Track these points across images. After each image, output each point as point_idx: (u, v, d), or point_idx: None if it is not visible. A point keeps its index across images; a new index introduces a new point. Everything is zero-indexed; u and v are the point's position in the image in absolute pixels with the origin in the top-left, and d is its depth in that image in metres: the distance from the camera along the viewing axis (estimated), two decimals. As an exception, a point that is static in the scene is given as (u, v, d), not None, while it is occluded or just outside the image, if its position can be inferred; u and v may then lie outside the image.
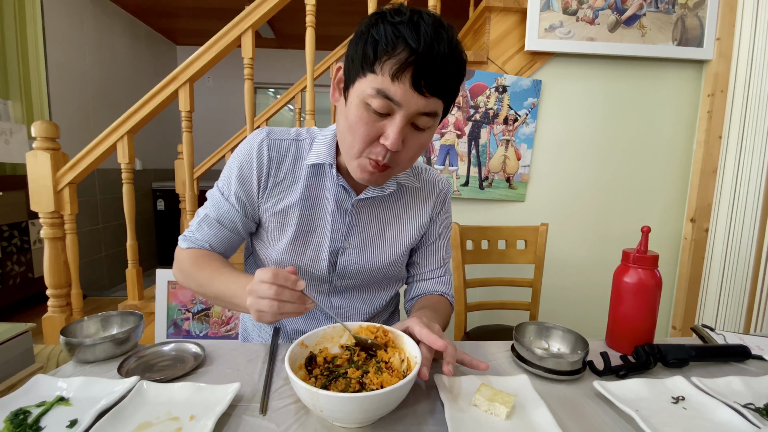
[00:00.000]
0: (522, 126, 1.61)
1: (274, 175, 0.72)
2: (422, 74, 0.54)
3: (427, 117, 0.58)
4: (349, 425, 0.48)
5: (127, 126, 1.59)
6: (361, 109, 0.58)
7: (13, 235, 2.49)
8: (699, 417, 0.51)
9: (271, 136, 0.72)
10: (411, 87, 0.54)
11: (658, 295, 0.69)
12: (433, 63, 0.53)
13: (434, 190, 0.82)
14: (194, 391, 0.53)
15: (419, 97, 0.55)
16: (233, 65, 2.64)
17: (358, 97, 0.58)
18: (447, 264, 0.88)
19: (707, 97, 1.61)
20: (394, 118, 0.57)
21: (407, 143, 0.61)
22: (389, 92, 0.55)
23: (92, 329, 0.69)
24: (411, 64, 0.53)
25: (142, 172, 3.85)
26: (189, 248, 0.74)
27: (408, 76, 0.54)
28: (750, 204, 1.49)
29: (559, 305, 1.74)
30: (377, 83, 0.55)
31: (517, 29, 1.55)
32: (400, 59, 0.53)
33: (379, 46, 0.54)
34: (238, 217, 0.73)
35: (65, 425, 0.47)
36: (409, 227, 0.79)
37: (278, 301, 0.52)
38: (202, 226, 0.74)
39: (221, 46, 1.55)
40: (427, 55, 0.53)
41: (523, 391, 0.55)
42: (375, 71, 0.55)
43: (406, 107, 0.56)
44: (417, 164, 0.84)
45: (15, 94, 2.61)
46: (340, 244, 0.74)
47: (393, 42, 0.53)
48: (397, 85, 0.54)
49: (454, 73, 0.58)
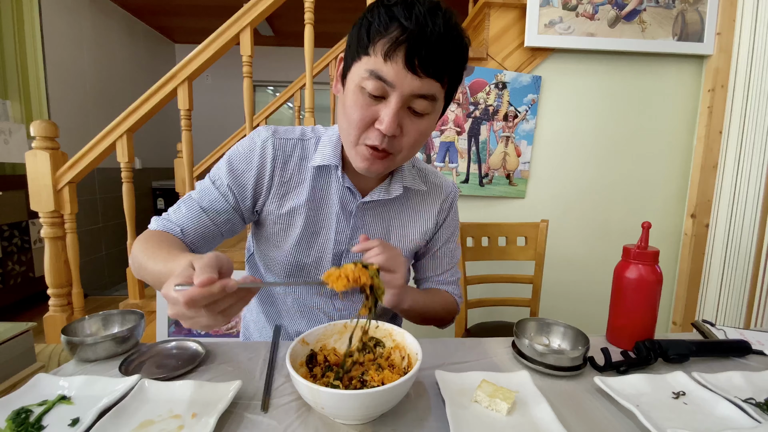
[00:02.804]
0: (522, 122, 1.61)
1: (279, 175, 0.70)
2: (415, 52, 0.52)
3: (424, 100, 0.57)
4: (351, 422, 0.48)
5: (126, 125, 1.58)
6: (356, 94, 0.57)
7: (14, 234, 2.50)
8: (700, 412, 0.51)
9: (277, 135, 0.71)
10: (404, 66, 0.53)
11: (658, 290, 0.69)
12: (427, 41, 0.52)
13: (441, 195, 0.80)
14: (196, 389, 0.53)
15: (413, 77, 0.54)
16: (232, 63, 2.63)
17: (353, 81, 0.57)
18: (453, 268, 0.86)
19: (707, 93, 1.60)
20: (388, 100, 0.56)
21: (405, 129, 0.59)
22: (381, 72, 0.54)
23: (93, 328, 0.69)
24: (403, 42, 0.52)
25: (141, 170, 3.85)
26: (156, 230, 0.68)
27: (401, 55, 0.52)
28: (750, 199, 1.49)
29: (560, 301, 1.74)
30: (370, 65, 0.54)
31: (517, 25, 1.55)
32: (391, 38, 0.52)
33: (372, 27, 0.53)
34: (224, 207, 0.69)
35: (67, 424, 0.47)
36: (413, 232, 0.78)
37: (192, 319, 0.43)
38: (180, 207, 0.69)
39: (220, 43, 1.54)
40: (419, 33, 0.51)
41: (524, 387, 0.55)
42: (369, 53, 0.54)
43: (400, 88, 0.54)
44: (425, 167, 0.82)
45: (13, 94, 2.60)
46: (344, 246, 0.73)
47: (386, 22, 0.52)
48: (389, 65, 0.53)
49: (453, 53, 0.55)
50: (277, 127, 0.73)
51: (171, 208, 0.70)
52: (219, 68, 2.55)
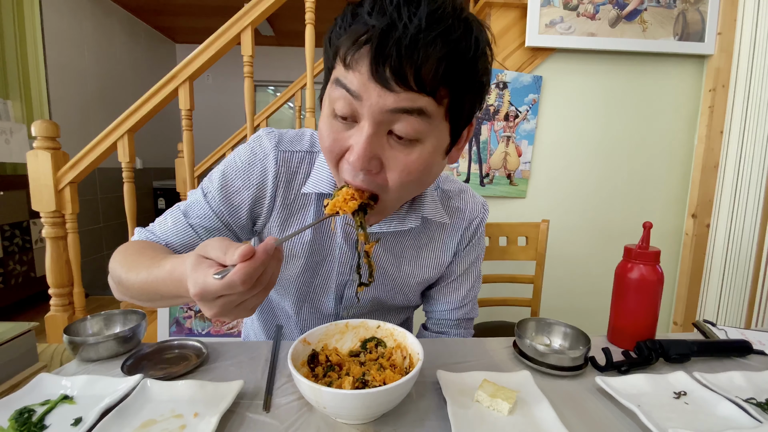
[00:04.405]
0: (523, 122, 1.61)
1: (282, 196, 0.61)
2: (381, 57, 0.39)
3: (407, 119, 0.42)
4: (352, 422, 0.48)
5: (128, 125, 1.59)
6: (329, 118, 0.46)
7: (15, 234, 2.50)
8: (701, 412, 0.51)
9: (281, 146, 0.60)
10: (370, 76, 0.40)
11: (659, 290, 0.69)
12: (397, 41, 0.38)
13: (463, 221, 0.68)
14: (198, 389, 0.53)
15: (382, 90, 0.40)
16: (233, 63, 2.63)
17: (325, 104, 0.47)
18: (469, 304, 0.75)
19: (708, 92, 1.60)
20: (360, 124, 0.44)
21: (387, 162, 0.46)
22: (346, 82, 0.42)
23: (95, 328, 0.69)
24: (365, 42, 0.39)
25: (142, 170, 3.85)
26: (136, 240, 0.62)
27: (364, 63, 0.40)
28: (751, 199, 1.48)
29: (561, 301, 1.74)
30: (336, 74, 0.44)
31: (518, 25, 1.55)
32: (351, 39, 0.40)
33: (334, 30, 0.43)
34: (214, 225, 0.61)
35: (69, 423, 0.47)
36: (427, 264, 0.68)
37: (240, 305, 0.39)
38: (166, 219, 0.62)
39: (221, 43, 1.54)
40: (386, 31, 0.38)
41: (525, 387, 0.55)
42: (335, 63, 0.44)
43: (368, 102, 0.42)
44: (451, 187, 0.68)
45: (15, 94, 2.61)
46: (348, 277, 0.67)
47: (348, 20, 0.42)
48: (352, 73, 0.41)
49: (445, 54, 0.40)
50: (282, 135, 0.62)
51: (157, 219, 0.64)
52: (220, 68, 2.55)
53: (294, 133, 0.63)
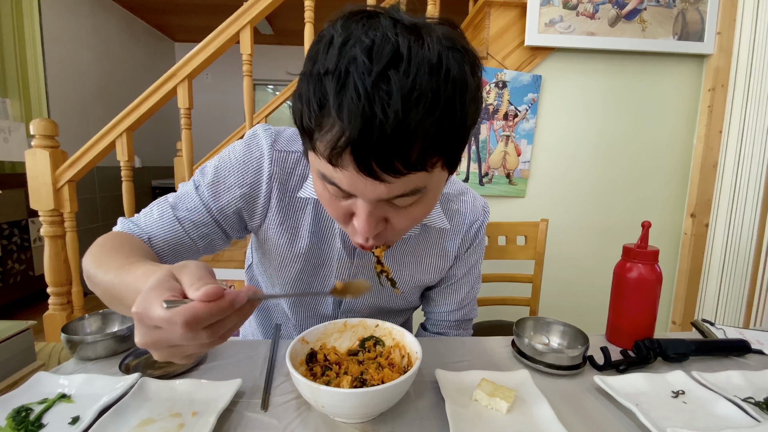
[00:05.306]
0: (522, 121, 1.61)
1: (278, 198, 0.59)
2: (365, 158, 0.36)
3: (403, 197, 0.42)
4: (351, 420, 0.48)
5: (126, 123, 1.58)
6: (321, 186, 0.45)
7: (14, 233, 2.49)
8: (699, 411, 0.52)
9: (277, 146, 0.58)
10: (358, 173, 0.38)
11: (658, 290, 0.69)
12: (378, 141, 0.35)
13: (464, 224, 0.68)
14: (196, 388, 0.53)
15: (374, 183, 0.38)
16: (232, 62, 2.63)
17: (313, 166, 0.44)
18: (468, 305, 0.76)
19: (708, 92, 1.60)
20: (357, 201, 0.43)
21: (393, 220, 0.46)
22: (334, 180, 0.40)
23: (93, 326, 0.69)
24: (344, 146, 0.36)
25: (141, 169, 3.84)
26: (117, 232, 0.59)
27: (349, 162, 0.37)
28: (750, 199, 1.49)
29: (560, 300, 1.74)
30: (319, 165, 0.41)
31: (517, 24, 1.55)
32: (330, 139, 0.37)
33: (304, 118, 0.39)
34: (203, 220, 0.59)
35: (67, 422, 0.47)
36: (427, 268, 0.68)
37: (179, 347, 0.34)
38: (152, 210, 0.59)
39: (219, 42, 1.54)
40: (363, 132, 0.34)
41: (524, 386, 0.55)
42: (314, 148, 0.40)
43: (362, 194, 0.41)
44: (450, 189, 0.68)
45: (13, 92, 2.60)
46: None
47: (316, 113, 0.37)
48: (340, 172, 0.39)
49: (433, 132, 0.36)
50: (278, 133, 0.60)
51: (143, 210, 0.60)
52: (219, 67, 2.56)
53: (292, 131, 0.61)
